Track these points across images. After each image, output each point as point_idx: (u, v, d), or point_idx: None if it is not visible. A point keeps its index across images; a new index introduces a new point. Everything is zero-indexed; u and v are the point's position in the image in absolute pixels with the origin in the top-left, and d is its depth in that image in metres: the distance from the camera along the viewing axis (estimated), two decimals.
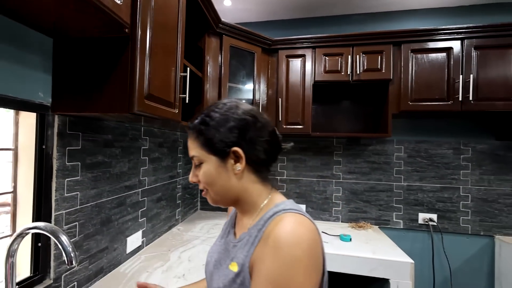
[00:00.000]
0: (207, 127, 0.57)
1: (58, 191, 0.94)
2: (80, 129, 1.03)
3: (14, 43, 0.80)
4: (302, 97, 1.96)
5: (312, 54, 1.97)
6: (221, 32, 1.75)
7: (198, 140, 0.58)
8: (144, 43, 0.90)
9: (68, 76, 0.91)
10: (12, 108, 0.81)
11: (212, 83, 1.72)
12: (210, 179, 0.57)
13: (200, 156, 0.58)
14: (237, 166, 0.56)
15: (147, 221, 1.56)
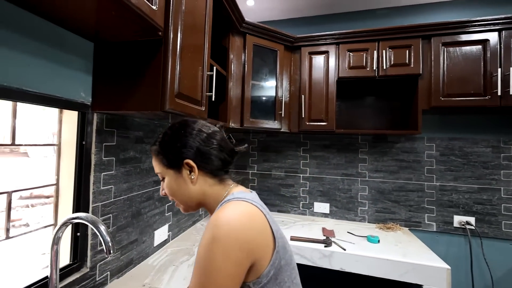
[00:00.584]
0: (162, 147, 0.67)
1: (95, 184, 1.00)
2: (115, 126, 1.10)
3: (60, 48, 0.86)
4: (326, 94, 1.93)
5: (336, 50, 1.93)
6: (245, 31, 1.77)
7: (158, 158, 0.68)
8: (175, 45, 0.93)
9: (106, 77, 0.97)
10: (58, 107, 0.88)
11: (235, 81, 1.75)
12: (173, 190, 0.68)
13: (161, 172, 0.68)
14: (191, 175, 0.66)
15: (173, 216, 1.61)
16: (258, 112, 1.88)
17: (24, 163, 4.21)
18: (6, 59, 0.72)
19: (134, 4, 0.73)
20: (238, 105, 1.76)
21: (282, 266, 0.59)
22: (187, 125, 0.69)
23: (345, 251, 1.54)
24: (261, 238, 0.57)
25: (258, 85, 1.92)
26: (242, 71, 1.79)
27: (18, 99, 0.76)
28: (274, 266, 0.57)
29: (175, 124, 0.70)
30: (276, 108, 1.93)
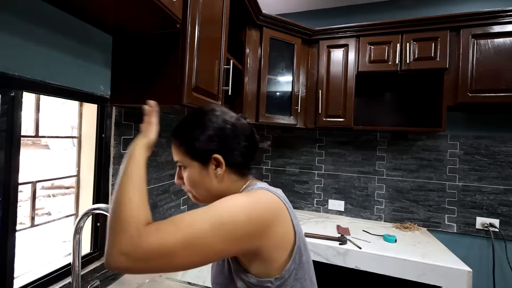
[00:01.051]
0: (189, 136, 0.61)
1: (114, 176, 1.02)
2: (133, 120, 1.11)
3: (80, 41, 0.87)
4: (344, 89, 1.87)
5: (356, 43, 1.86)
6: (262, 24, 1.73)
7: (181, 147, 0.62)
8: (193, 38, 0.92)
9: (124, 71, 0.98)
10: (78, 100, 0.90)
11: (251, 75, 1.72)
12: (194, 182, 0.63)
13: (184, 162, 0.62)
14: (217, 170, 0.61)
15: (188, 209, 1.63)
16: (273, 107, 1.85)
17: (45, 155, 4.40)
18: (31, 52, 0.73)
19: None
20: (253, 100, 1.74)
21: (303, 262, 0.59)
22: (215, 115, 0.63)
23: (360, 250, 1.50)
24: (281, 227, 0.56)
25: (274, 79, 1.89)
26: (258, 65, 1.76)
27: (42, 92, 0.77)
28: (295, 261, 0.57)
29: (202, 112, 0.64)
30: (292, 103, 1.89)
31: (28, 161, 0.96)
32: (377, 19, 2.03)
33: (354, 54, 1.86)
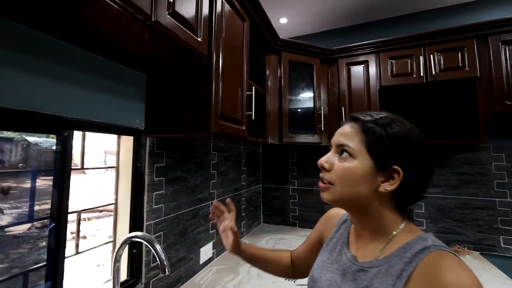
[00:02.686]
0: (383, 132, 0.51)
1: (148, 204, 1.08)
2: (164, 148, 1.18)
3: (119, 81, 0.98)
4: (368, 104, 1.85)
5: (376, 59, 1.86)
6: (280, 48, 1.80)
7: (363, 135, 0.53)
8: (218, 70, 0.99)
9: (157, 104, 1.07)
10: (117, 134, 0.99)
11: (273, 98, 1.77)
12: (350, 178, 0.52)
13: (356, 151, 0.52)
14: (385, 185, 0.50)
15: (217, 233, 1.65)
16: (296, 127, 1.87)
17: (82, 179, 4.72)
18: (79, 96, 0.83)
19: (183, 39, 0.80)
20: (276, 121, 1.78)
21: None
22: (418, 131, 0.54)
23: None
24: None
25: (295, 99, 1.92)
26: (279, 87, 1.81)
27: (88, 129, 0.87)
28: None
29: (405, 123, 0.55)
30: (315, 121, 1.90)
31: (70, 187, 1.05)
32: (395, 34, 2.02)
33: (375, 69, 1.85)
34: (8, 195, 0.89)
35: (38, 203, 0.85)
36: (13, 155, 0.90)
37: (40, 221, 0.84)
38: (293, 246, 1.84)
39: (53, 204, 0.81)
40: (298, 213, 2.32)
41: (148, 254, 1.08)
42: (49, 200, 0.85)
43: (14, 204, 0.89)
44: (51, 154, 0.91)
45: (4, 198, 0.86)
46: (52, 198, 0.81)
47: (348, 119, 0.58)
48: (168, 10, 0.76)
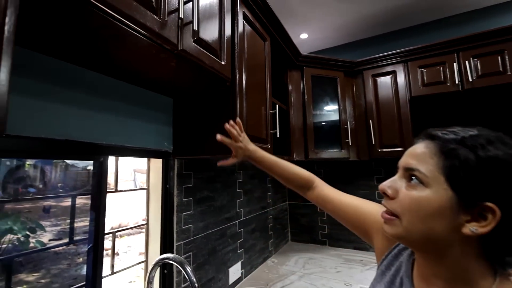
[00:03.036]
0: (471, 156, 0.38)
1: (177, 224, 1.10)
2: (192, 169, 1.21)
3: (147, 106, 1.03)
4: (398, 116, 1.77)
5: (404, 68, 1.79)
6: (302, 64, 1.81)
7: (441, 159, 0.41)
8: (242, 91, 1.01)
9: (184, 126, 1.11)
10: (147, 157, 1.03)
11: (296, 114, 1.76)
12: (420, 210, 0.40)
13: (429, 178, 0.41)
14: (472, 225, 0.38)
15: (244, 252, 1.62)
16: (322, 142, 1.83)
17: (114, 197, 4.97)
18: (113, 123, 0.88)
19: (208, 64, 0.83)
20: (301, 138, 1.75)
21: None
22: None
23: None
24: None
25: (320, 114, 1.89)
26: (302, 103, 1.80)
27: (121, 154, 0.92)
28: None
29: (510, 144, 0.39)
30: (342, 136, 1.84)
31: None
32: (422, 41, 1.95)
33: (404, 79, 1.78)
34: (49, 213, 0.95)
35: (75, 221, 0.91)
36: (53, 176, 0.97)
37: (81, 242, 0.88)
38: (323, 266, 1.76)
39: (90, 225, 0.85)
40: (328, 231, 2.23)
41: (179, 275, 1.09)
42: (85, 218, 0.90)
43: (54, 222, 0.95)
44: (86, 174, 0.97)
45: (46, 217, 0.92)
46: (90, 220, 0.86)
47: (423, 136, 0.46)
48: (193, 38, 0.80)
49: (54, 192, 0.93)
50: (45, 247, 0.87)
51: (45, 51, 0.71)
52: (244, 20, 1.10)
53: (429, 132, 0.45)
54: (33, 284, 0.83)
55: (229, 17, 1.00)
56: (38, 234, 0.87)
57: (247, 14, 1.12)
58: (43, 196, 0.92)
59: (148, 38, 0.66)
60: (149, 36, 0.66)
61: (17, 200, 0.85)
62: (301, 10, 1.90)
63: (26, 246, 0.85)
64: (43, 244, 0.89)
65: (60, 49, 0.70)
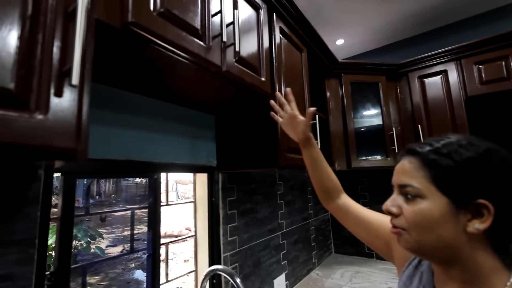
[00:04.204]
0: (450, 162, 0.42)
1: (224, 236, 1.14)
2: (235, 182, 1.25)
3: (193, 125, 1.10)
4: (451, 119, 1.63)
5: (457, 66, 1.65)
6: (339, 71, 1.77)
7: (426, 170, 0.45)
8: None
9: (226, 142, 1.16)
10: (194, 172, 1.09)
11: (336, 123, 1.72)
12: (426, 222, 0.43)
13: (422, 190, 0.44)
14: (474, 223, 0.41)
15: (288, 264, 1.60)
16: (365, 150, 1.75)
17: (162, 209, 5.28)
18: (164, 142, 0.96)
19: (249, 82, 0.87)
20: (342, 147, 1.71)
21: None
22: (497, 151, 0.43)
23: None
24: None
25: (361, 122, 1.82)
26: (342, 110, 1.76)
27: (171, 170, 0.99)
28: None
29: (480, 143, 0.44)
30: (387, 143, 1.75)
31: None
32: (473, 36, 1.78)
33: (457, 78, 1.64)
34: (104, 222, 1.05)
35: (127, 228, 0.99)
36: (107, 188, 1.07)
37: (141, 251, 0.96)
38: (372, 281, 1.66)
39: (148, 235, 0.93)
40: None
41: (226, 285, 1.12)
42: (137, 226, 0.98)
43: (110, 230, 1.04)
44: (135, 187, 1.05)
45: (102, 225, 1.02)
46: (148, 230, 0.94)
47: (404, 153, 0.50)
48: (235, 58, 0.84)
49: (108, 203, 1.03)
50: (116, 254, 0.96)
51: (106, 82, 0.80)
52: (280, 34, 1.13)
53: (408, 148, 0.50)
54: (95, 286, 0.92)
55: (267, 34, 1.03)
56: (97, 240, 0.96)
57: (283, 28, 1.15)
58: (110, 211, 1.03)
59: (195, 63, 0.71)
60: (196, 62, 0.71)
61: (89, 214, 0.96)
62: (336, 16, 1.87)
63: (88, 251, 0.95)
64: (102, 250, 0.98)
65: (118, 80, 0.80)
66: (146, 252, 0.93)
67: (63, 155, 0.42)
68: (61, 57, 0.42)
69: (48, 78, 0.40)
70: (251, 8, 0.95)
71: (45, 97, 0.40)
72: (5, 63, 0.36)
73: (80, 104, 0.45)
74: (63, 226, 0.72)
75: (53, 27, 0.42)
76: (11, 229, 0.56)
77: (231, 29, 0.83)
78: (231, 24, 0.82)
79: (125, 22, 0.54)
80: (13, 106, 0.36)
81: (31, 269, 0.57)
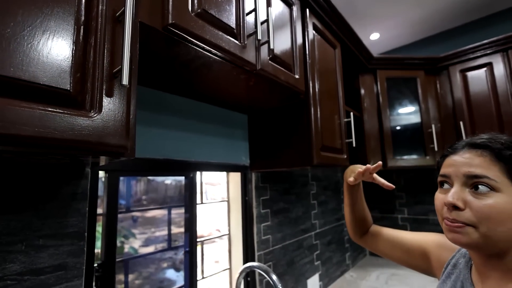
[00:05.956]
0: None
1: (257, 235, 1.14)
2: (268, 181, 1.24)
3: (226, 124, 1.11)
4: (497, 116, 1.50)
5: (504, 58, 1.51)
6: (374, 67, 1.69)
7: (501, 164, 0.44)
8: (316, 103, 1.01)
9: (260, 141, 1.15)
10: (228, 171, 1.10)
11: (371, 121, 1.65)
12: (501, 216, 0.42)
13: (499, 183, 0.43)
14: None
15: (322, 265, 1.56)
16: (402, 149, 1.66)
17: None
18: (199, 142, 0.98)
19: (283, 80, 0.86)
20: (377, 145, 1.63)
21: None
22: None
23: None
24: None
25: (397, 119, 1.73)
26: (377, 107, 1.68)
27: (206, 169, 1.01)
28: None
29: None
30: (426, 141, 1.64)
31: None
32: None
33: (504, 71, 1.50)
34: (136, 223, 1.09)
35: (158, 229, 1.02)
36: (138, 190, 1.11)
37: (177, 249, 0.99)
38: (410, 284, 1.58)
39: (185, 233, 0.96)
40: None
41: (261, 283, 1.12)
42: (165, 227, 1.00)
43: (141, 230, 1.08)
44: (165, 187, 1.08)
45: (134, 226, 1.05)
46: (185, 227, 0.96)
47: (466, 146, 0.49)
48: (269, 56, 0.83)
49: (138, 204, 1.06)
50: (152, 252, 1.00)
51: (146, 84, 0.83)
52: (314, 30, 1.10)
53: (473, 141, 0.49)
54: (130, 284, 0.95)
55: (300, 30, 1.02)
56: (130, 240, 1.00)
57: (316, 24, 1.12)
58: (147, 208, 1.07)
59: (231, 62, 0.72)
60: (232, 60, 0.71)
61: (129, 211, 1.00)
62: (371, 10, 1.80)
63: (122, 251, 0.98)
64: (136, 250, 1.01)
65: (157, 81, 0.82)
66: (184, 248, 0.95)
67: (115, 152, 0.44)
68: (111, 60, 0.45)
69: (101, 79, 0.43)
70: (284, 4, 0.94)
71: (98, 97, 0.42)
72: (64, 67, 0.38)
73: (129, 104, 0.47)
74: (109, 220, 0.76)
75: (103, 31, 0.44)
76: (65, 223, 0.60)
77: (265, 26, 0.82)
78: (265, 22, 0.82)
79: (166, 24, 0.55)
80: (71, 106, 0.39)
81: (82, 260, 0.61)
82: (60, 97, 0.38)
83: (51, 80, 0.37)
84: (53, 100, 0.37)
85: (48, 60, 0.36)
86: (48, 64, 0.36)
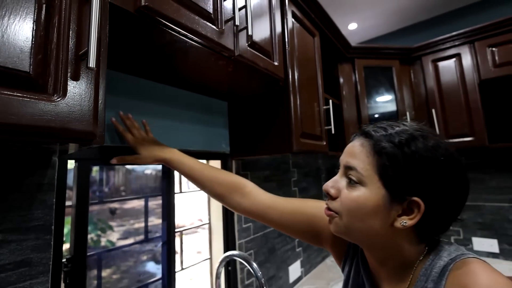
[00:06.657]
0: (398, 153, 0.41)
1: (238, 223, 1.14)
2: (249, 169, 1.24)
3: (206, 111, 1.09)
4: (465, 103, 1.59)
5: (470, 50, 1.60)
6: (352, 56, 1.72)
7: (375, 158, 0.43)
8: (295, 90, 1.01)
9: (239, 128, 1.14)
10: (207, 159, 1.09)
11: (349, 108, 1.68)
12: (359, 209, 0.43)
13: (365, 176, 0.43)
14: (402, 219, 0.41)
15: (303, 251, 1.61)
16: None
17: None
18: (178, 129, 0.96)
19: (262, 67, 0.85)
20: (355, 132, 1.67)
21: None
22: (446, 149, 0.42)
23: None
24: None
25: (375, 107, 1.78)
26: (355, 96, 1.72)
27: None
28: None
29: (433, 137, 0.43)
30: None
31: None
32: (490, 17, 1.71)
33: (471, 62, 1.58)
34: (114, 215, 1.06)
35: (137, 221, 0.99)
36: (116, 180, 1.07)
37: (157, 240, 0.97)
38: None
39: (163, 224, 0.94)
40: None
41: (242, 272, 1.13)
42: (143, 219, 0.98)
43: (120, 223, 1.05)
44: (145, 178, 1.05)
45: (111, 218, 1.02)
46: (162, 218, 0.94)
47: (358, 134, 0.48)
48: (248, 42, 0.82)
49: (117, 195, 1.02)
50: (127, 244, 0.97)
51: (118, 68, 0.79)
52: (293, 18, 1.09)
53: (363, 129, 0.48)
54: (106, 279, 0.92)
55: (279, 18, 1.00)
56: (107, 233, 0.96)
57: (295, 12, 1.11)
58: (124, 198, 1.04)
59: (208, 48, 0.70)
60: (209, 46, 0.69)
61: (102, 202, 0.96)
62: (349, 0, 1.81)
63: (98, 244, 0.95)
64: (113, 243, 0.98)
65: (131, 66, 0.78)
66: (161, 240, 0.94)
67: (82, 139, 0.42)
68: (77, 41, 0.42)
69: (65, 62, 0.40)
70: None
71: (62, 81, 0.39)
72: (23, 47, 0.36)
73: (97, 88, 0.45)
74: (78, 212, 0.72)
75: (68, 11, 0.41)
76: (29, 216, 0.56)
77: (243, 13, 0.80)
78: (243, 8, 0.80)
79: (138, 6, 0.53)
80: (31, 89, 0.36)
81: (48, 255, 0.57)
82: (19, 79, 0.35)
83: (7, 60, 0.34)
84: (10, 82, 0.34)
85: (3, 39, 0.33)
86: (4, 44, 0.33)
